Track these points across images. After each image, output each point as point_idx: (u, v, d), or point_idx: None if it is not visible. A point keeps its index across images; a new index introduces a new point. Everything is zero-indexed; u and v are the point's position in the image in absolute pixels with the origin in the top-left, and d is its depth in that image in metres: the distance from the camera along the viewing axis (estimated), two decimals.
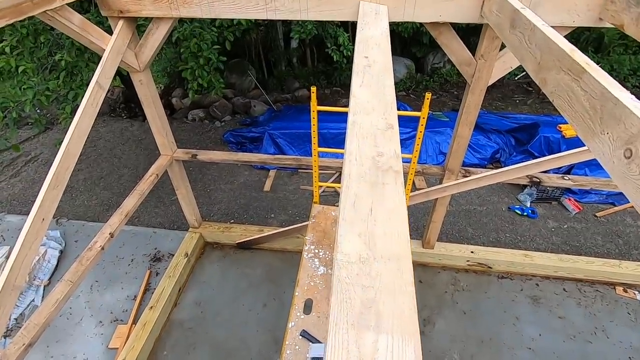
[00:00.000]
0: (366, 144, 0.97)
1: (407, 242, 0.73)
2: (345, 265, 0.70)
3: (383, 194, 0.83)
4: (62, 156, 1.81)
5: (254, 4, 2.09)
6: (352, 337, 0.59)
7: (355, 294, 0.65)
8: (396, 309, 0.63)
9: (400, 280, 0.67)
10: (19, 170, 5.11)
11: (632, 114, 0.81)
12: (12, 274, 1.59)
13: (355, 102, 1.09)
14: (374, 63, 1.29)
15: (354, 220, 0.78)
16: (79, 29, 2.01)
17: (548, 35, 1.22)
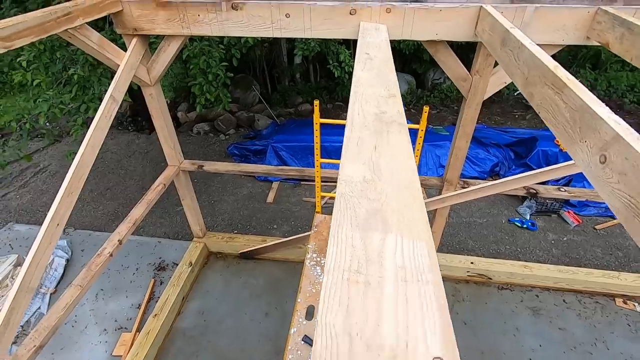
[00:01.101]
0: (369, 105, 0.99)
1: (414, 173, 0.72)
2: (348, 184, 0.69)
3: (388, 138, 0.84)
4: (77, 165, 1.90)
5: (261, 23, 2.22)
6: (357, 235, 0.58)
7: (360, 205, 0.64)
8: (405, 217, 0.62)
9: (410, 199, 0.66)
10: (27, 181, 5.22)
11: (605, 123, 0.89)
12: (27, 276, 1.66)
13: (357, 79, 1.14)
14: (375, 57, 1.38)
15: (358, 155, 0.78)
16: (97, 46, 2.13)
17: (534, 53, 1.32)
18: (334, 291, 0.52)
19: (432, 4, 2.03)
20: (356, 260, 0.56)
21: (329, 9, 2.10)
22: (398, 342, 0.45)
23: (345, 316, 0.48)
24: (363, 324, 0.47)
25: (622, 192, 0.81)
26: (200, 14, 2.24)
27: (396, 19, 2.08)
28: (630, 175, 0.79)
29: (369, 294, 0.51)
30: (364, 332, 0.46)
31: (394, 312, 0.49)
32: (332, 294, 0.51)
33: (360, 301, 0.50)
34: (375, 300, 0.50)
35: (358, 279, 0.53)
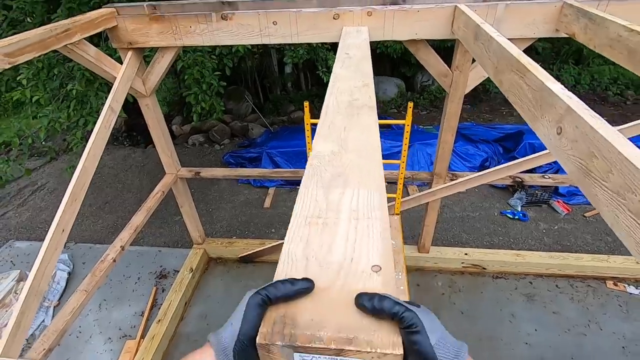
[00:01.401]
0: (343, 95, 1.10)
1: (377, 146, 0.83)
2: (317, 157, 0.80)
3: (358, 120, 0.96)
4: (79, 173, 1.99)
5: (250, 31, 2.34)
6: (320, 192, 0.69)
7: (326, 171, 0.75)
8: (364, 178, 0.73)
9: (370, 165, 0.76)
10: (25, 200, 5.27)
11: (559, 99, 1.00)
12: (36, 280, 1.73)
13: (335, 76, 1.26)
14: (354, 56, 1.50)
15: (329, 135, 0.89)
16: (94, 60, 2.24)
17: (501, 44, 1.44)
18: (296, 230, 0.63)
19: (409, 6, 2.16)
20: (317, 209, 0.66)
21: (314, 14, 2.22)
22: (345, 259, 0.56)
23: (304, 247, 0.58)
24: (318, 250, 0.58)
25: (575, 157, 0.92)
26: (191, 25, 2.36)
27: (377, 21, 2.21)
28: (580, 142, 0.90)
29: (325, 230, 0.62)
30: (318, 256, 0.56)
31: (345, 240, 0.59)
32: (295, 233, 0.62)
33: (318, 236, 0.61)
34: (330, 234, 0.61)
35: (318, 222, 0.64)
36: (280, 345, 0.44)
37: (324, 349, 0.43)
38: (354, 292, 0.49)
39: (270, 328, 0.46)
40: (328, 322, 0.46)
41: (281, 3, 2.25)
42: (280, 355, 0.45)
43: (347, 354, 0.43)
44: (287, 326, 0.46)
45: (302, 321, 0.46)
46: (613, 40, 1.64)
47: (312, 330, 0.45)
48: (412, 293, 3.20)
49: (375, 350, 0.42)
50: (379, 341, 0.43)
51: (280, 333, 0.45)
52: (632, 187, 0.71)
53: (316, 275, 0.53)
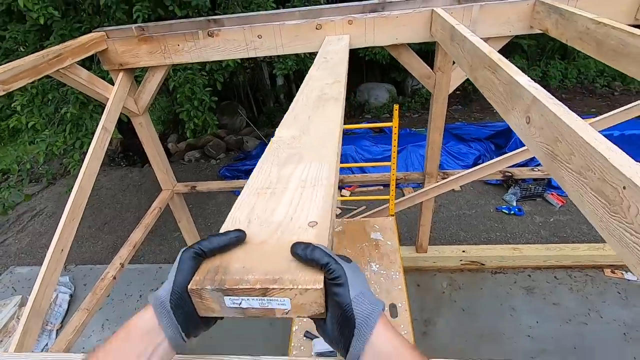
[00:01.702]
0: (314, 92, 1.16)
1: (336, 131, 0.88)
2: (277, 141, 0.85)
3: (323, 110, 1.01)
4: (76, 192, 2.03)
5: (236, 46, 2.41)
6: (274, 169, 0.73)
7: (284, 152, 0.80)
8: (318, 155, 0.77)
9: (326, 144, 0.81)
10: (25, 226, 5.29)
11: (526, 90, 1.05)
12: (37, 300, 1.76)
13: (310, 77, 1.33)
14: (331, 59, 1.56)
15: (293, 123, 0.94)
16: (87, 82, 2.30)
17: (474, 43, 1.50)
18: (244, 200, 0.66)
19: (388, 12, 2.24)
20: (268, 182, 0.71)
21: (297, 26, 2.30)
22: (285, 218, 0.60)
23: (249, 212, 0.62)
24: (261, 213, 0.62)
25: (542, 143, 0.97)
26: (179, 44, 2.43)
27: (358, 29, 2.29)
28: (545, 129, 0.95)
29: (272, 198, 0.66)
30: (260, 218, 0.60)
31: (288, 205, 0.64)
32: (243, 202, 0.66)
33: (264, 203, 0.65)
34: (276, 201, 0.65)
35: (266, 192, 0.68)
36: (210, 289, 0.46)
37: (250, 289, 0.46)
38: (288, 244, 0.52)
39: (202, 276, 0.48)
40: (258, 268, 0.49)
41: (265, 17, 2.33)
42: (212, 301, 0.47)
43: (272, 292, 0.46)
44: (219, 273, 0.48)
45: (234, 269, 0.49)
46: (582, 33, 1.72)
47: (241, 275, 0.47)
48: (412, 293, 3.21)
49: (297, 287, 0.45)
50: (301, 279, 0.46)
51: (212, 279, 0.47)
52: (592, 167, 0.76)
53: (255, 233, 0.56)
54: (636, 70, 1.42)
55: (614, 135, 4.63)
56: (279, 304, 0.47)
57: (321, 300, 0.47)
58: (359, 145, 5.27)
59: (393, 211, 2.93)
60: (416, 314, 3.08)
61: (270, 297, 0.46)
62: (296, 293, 0.46)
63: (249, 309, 0.48)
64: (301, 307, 0.47)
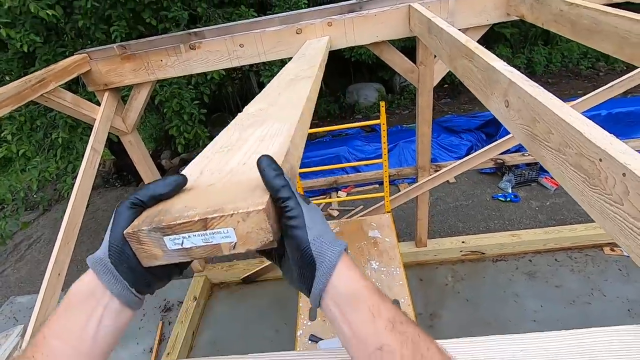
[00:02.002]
0: (288, 76, 1.18)
1: (302, 100, 0.88)
2: (244, 113, 0.85)
3: (294, 87, 1.03)
4: (69, 213, 2.02)
5: (219, 57, 2.42)
6: (236, 133, 0.74)
7: (248, 120, 0.80)
8: (280, 118, 0.77)
9: (291, 113, 0.80)
10: (22, 254, 5.24)
11: (502, 74, 1.07)
12: (37, 328, 1.74)
13: (285, 68, 1.34)
14: (308, 54, 1.58)
15: (263, 100, 0.96)
16: (72, 105, 2.30)
17: (450, 33, 1.52)
18: (200, 159, 0.65)
19: (366, 11, 2.26)
20: (228, 143, 0.70)
21: (277, 32, 2.32)
22: (237, 165, 0.59)
23: (202, 167, 0.61)
24: (214, 166, 0.61)
25: (522, 125, 0.98)
26: (162, 59, 2.44)
27: (338, 30, 2.31)
28: (523, 110, 0.96)
29: (228, 154, 0.65)
30: (213, 169, 0.59)
31: (243, 155, 0.63)
32: (198, 161, 0.65)
33: (219, 158, 0.64)
34: (232, 154, 0.64)
35: (224, 150, 0.68)
36: (147, 230, 0.43)
37: (189, 222, 0.42)
38: (236, 183, 0.50)
39: (140, 220, 0.45)
40: (200, 204, 0.45)
41: (245, 25, 2.35)
42: (152, 244, 0.44)
43: (212, 223, 0.42)
44: (158, 215, 0.45)
45: (175, 209, 0.46)
46: (556, 16, 1.74)
47: (181, 213, 0.44)
48: (415, 287, 3.22)
49: (237, 211, 0.42)
50: (243, 204, 0.43)
51: (150, 221, 0.44)
52: (569, 142, 0.77)
53: (204, 180, 0.54)
54: (610, 47, 1.44)
55: (601, 115, 4.68)
56: (223, 237, 0.43)
57: (266, 225, 0.43)
58: (351, 146, 5.29)
59: (389, 208, 2.94)
60: (421, 308, 3.07)
61: (212, 230, 0.43)
62: (238, 220, 0.42)
63: (192, 248, 0.44)
64: (247, 236, 0.43)
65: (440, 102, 8.23)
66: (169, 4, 3.24)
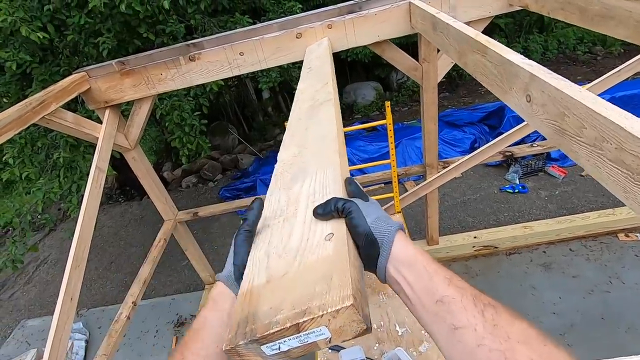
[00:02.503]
0: (305, 102, 1.16)
1: (331, 134, 0.87)
2: (280, 164, 0.85)
3: (317, 116, 1.02)
4: (78, 236, 1.99)
5: (219, 67, 2.39)
6: (283, 194, 0.72)
7: (288, 172, 0.79)
8: (320, 162, 0.76)
9: (326, 150, 0.80)
10: (31, 277, 5.21)
11: (521, 68, 1.03)
12: (52, 354, 1.71)
13: (298, 92, 1.33)
14: (315, 66, 1.55)
15: (291, 142, 0.95)
16: (73, 125, 2.27)
17: (458, 28, 1.49)
18: (261, 236, 0.64)
19: (366, 11, 2.23)
20: (279, 209, 0.69)
21: (276, 38, 2.28)
22: (302, 241, 0.57)
23: (266, 248, 0.60)
24: (278, 244, 0.59)
25: (548, 120, 0.94)
26: (162, 73, 2.41)
27: (338, 32, 2.27)
28: (548, 105, 0.92)
29: (285, 225, 0.63)
30: (278, 249, 0.58)
31: (302, 224, 0.61)
32: (259, 238, 0.64)
33: (278, 232, 0.62)
34: (290, 225, 0.63)
35: (279, 220, 0.66)
36: (244, 344, 0.44)
37: (282, 330, 0.43)
38: (309, 267, 0.50)
39: (234, 332, 0.45)
40: (285, 303, 0.46)
41: (244, 33, 2.32)
42: (252, 354, 0.45)
43: (304, 326, 0.43)
44: (248, 323, 0.45)
45: (262, 313, 0.46)
46: (564, 3, 1.71)
47: (270, 318, 0.44)
48: None
49: (326, 311, 0.42)
50: (330, 301, 0.43)
51: (243, 333, 0.44)
52: (607, 137, 0.73)
53: (275, 267, 0.54)
54: (624, 32, 1.40)
55: (605, 99, 4.64)
56: (317, 335, 0.43)
57: (358, 317, 0.43)
58: (354, 147, 5.25)
59: (399, 208, 2.90)
60: None
61: (305, 332, 0.43)
62: (329, 318, 0.42)
63: (290, 350, 0.45)
64: (341, 330, 0.44)
65: (439, 96, 8.19)
66: (165, 18, 3.21)
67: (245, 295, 0.51)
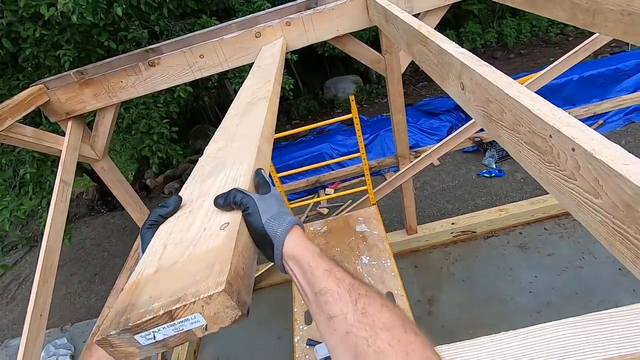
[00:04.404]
0: (246, 99, 1.16)
1: (258, 129, 0.88)
2: (204, 158, 0.84)
3: (251, 112, 1.02)
4: (44, 252, 1.96)
5: (180, 71, 2.36)
6: (197, 187, 0.71)
7: (208, 165, 0.78)
8: (239, 157, 0.76)
9: (248, 146, 0.79)
10: (13, 295, 5.11)
11: (455, 57, 1.04)
12: None
13: (242, 88, 1.33)
14: (265, 65, 1.54)
15: (221, 137, 0.95)
16: (33, 139, 2.22)
17: (405, 20, 1.50)
18: (163, 227, 0.63)
19: (323, 7, 2.22)
20: (189, 201, 0.68)
21: (236, 38, 2.26)
22: (198, 232, 0.56)
23: (166, 237, 0.59)
24: (178, 234, 0.58)
25: (477, 106, 0.96)
26: (122, 80, 2.37)
27: (297, 28, 2.26)
28: (477, 92, 0.94)
29: (190, 216, 0.62)
30: (176, 239, 0.57)
31: (204, 217, 0.60)
32: (161, 229, 0.63)
33: (181, 223, 0.61)
34: (193, 217, 0.62)
35: (186, 212, 0.64)
36: (116, 334, 0.42)
37: (155, 318, 0.42)
38: (198, 256, 0.50)
39: (108, 323, 0.44)
40: (165, 292, 0.45)
41: (203, 35, 2.29)
42: (126, 344, 0.43)
43: (177, 313, 0.42)
44: (125, 313, 0.44)
45: (141, 302, 0.45)
46: None
47: (146, 307, 0.43)
48: (411, 275, 3.22)
49: (199, 297, 0.42)
50: (203, 288, 0.43)
51: (116, 322, 0.43)
52: (521, 121, 0.75)
53: (168, 256, 0.53)
54: (563, 15, 1.43)
55: (574, 80, 4.73)
56: (192, 322, 0.43)
57: (231, 302, 0.43)
58: (333, 142, 5.26)
59: (374, 200, 2.92)
60: (419, 294, 3.08)
61: (180, 319, 0.42)
62: (202, 304, 0.42)
63: (166, 339, 0.43)
64: (216, 316, 0.43)
65: (417, 86, 8.24)
66: (126, 25, 3.15)
67: (130, 287, 0.49)
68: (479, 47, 8.40)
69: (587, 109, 3.06)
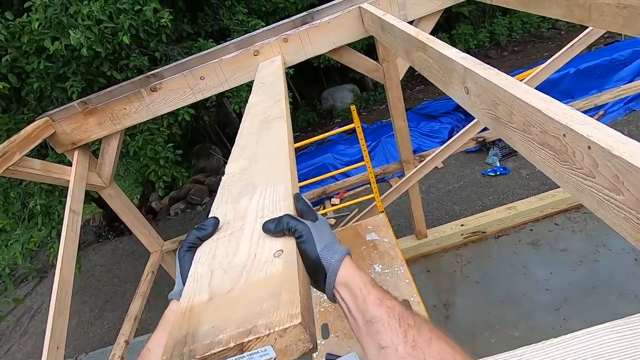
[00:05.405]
0: (257, 118, 1.16)
1: (284, 149, 0.86)
2: (228, 177, 0.83)
3: (268, 132, 1.01)
4: (58, 284, 1.96)
5: (182, 94, 2.39)
6: (230, 207, 0.70)
7: (236, 185, 0.77)
8: (271, 177, 0.75)
9: (277, 166, 0.78)
10: (26, 328, 5.09)
11: (456, 62, 1.05)
12: None
13: (249, 105, 1.33)
14: (268, 82, 1.56)
15: (240, 155, 0.93)
16: (42, 172, 2.25)
17: (402, 28, 1.52)
18: (204, 249, 0.62)
19: (318, 21, 2.26)
20: (225, 223, 0.66)
21: (235, 58, 2.30)
22: (249, 257, 0.56)
23: (210, 262, 0.58)
24: (223, 259, 0.57)
25: (484, 109, 0.96)
26: (126, 107, 2.40)
27: (295, 44, 2.30)
28: (482, 95, 0.95)
29: (232, 239, 0.62)
30: (223, 264, 0.56)
31: (249, 240, 0.59)
32: (202, 252, 0.62)
33: (224, 246, 0.61)
34: (236, 240, 0.61)
35: (225, 234, 0.64)
36: None
37: (224, 350, 0.41)
38: (257, 284, 0.49)
39: (169, 354, 0.43)
40: (229, 322, 0.44)
41: (201, 58, 2.33)
42: None
43: (249, 346, 0.41)
44: (187, 344, 0.42)
45: (202, 332, 0.44)
46: None
47: (212, 338, 0.42)
48: (425, 280, 3.19)
49: (273, 329, 0.41)
50: (277, 319, 0.42)
51: (179, 354, 0.42)
52: (532, 121, 0.75)
53: (219, 283, 0.52)
54: (559, 12, 1.45)
55: (570, 73, 4.75)
56: (261, 355, 0.42)
57: (305, 336, 0.42)
58: (335, 152, 5.28)
59: (382, 207, 2.91)
60: (434, 299, 3.04)
61: (250, 352, 0.41)
62: (276, 337, 0.41)
63: None
64: (287, 349, 0.42)
65: (414, 90, 8.29)
66: (127, 53, 3.20)
67: (184, 313, 0.48)
68: (473, 48, 8.47)
69: (588, 101, 3.06)
